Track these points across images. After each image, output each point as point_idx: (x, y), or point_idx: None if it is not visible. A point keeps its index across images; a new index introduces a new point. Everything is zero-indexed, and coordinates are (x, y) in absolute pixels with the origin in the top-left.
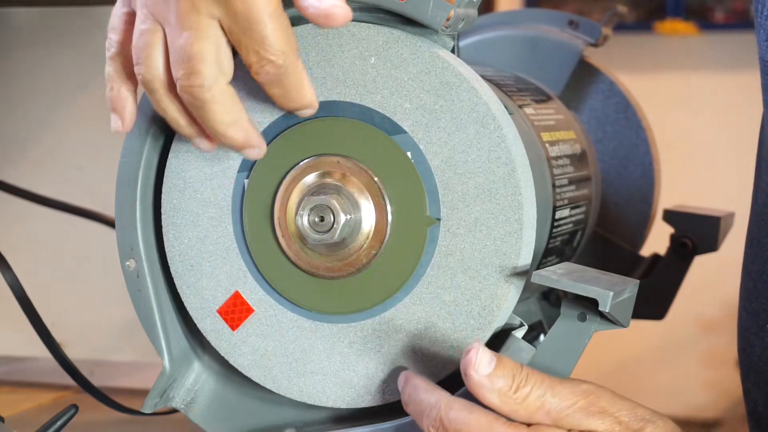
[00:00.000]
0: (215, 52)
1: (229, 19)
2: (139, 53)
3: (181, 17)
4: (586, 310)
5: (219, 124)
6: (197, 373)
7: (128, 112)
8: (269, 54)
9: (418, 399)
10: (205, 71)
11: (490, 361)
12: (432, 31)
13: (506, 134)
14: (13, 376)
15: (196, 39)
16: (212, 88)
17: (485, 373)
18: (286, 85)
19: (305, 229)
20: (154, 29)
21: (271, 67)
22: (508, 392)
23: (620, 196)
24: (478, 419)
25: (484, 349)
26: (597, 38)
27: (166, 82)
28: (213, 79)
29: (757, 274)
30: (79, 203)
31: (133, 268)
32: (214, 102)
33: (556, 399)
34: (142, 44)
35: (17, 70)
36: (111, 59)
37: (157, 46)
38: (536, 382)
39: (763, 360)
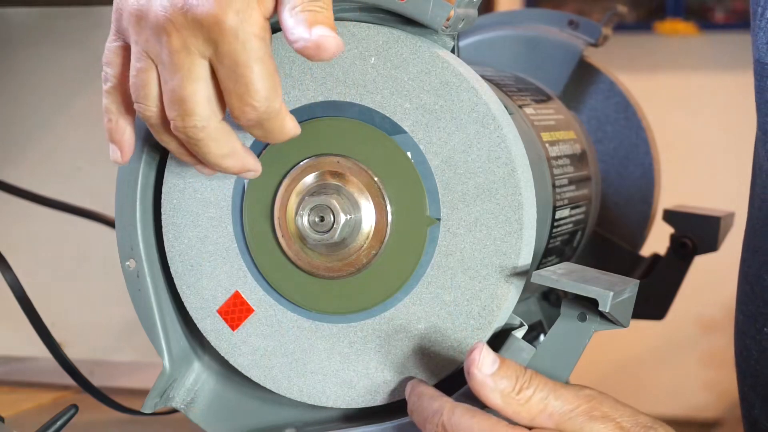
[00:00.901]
0: (207, 92)
1: (217, 61)
2: (137, 91)
3: (173, 57)
4: (586, 310)
5: (214, 157)
6: (197, 373)
7: (127, 143)
8: (252, 100)
9: (422, 407)
10: (198, 112)
11: (494, 362)
12: (432, 31)
13: (506, 134)
14: (13, 376)
15: (188, 81)
16: (206, 127)
17: (488, 373)
18: (267, 128)
19: (305, 229)
20: (149, 67)
21: (253, 113)
22: (510, 393)
23: (620, 196)
24: (481, 423)
25: (488, 349)
26: (597, 38)
27: (162, 119)
28: (206, 119)
29: (754, 277)
30: (79, 203)
31: (133, 268)
32: (208, 139)
33: (559, 402)
34: (140, 83)
35: (17, 70)
36: (108, 93)
37: (153, 84)
38: (539, 385)
39: (761, 363)
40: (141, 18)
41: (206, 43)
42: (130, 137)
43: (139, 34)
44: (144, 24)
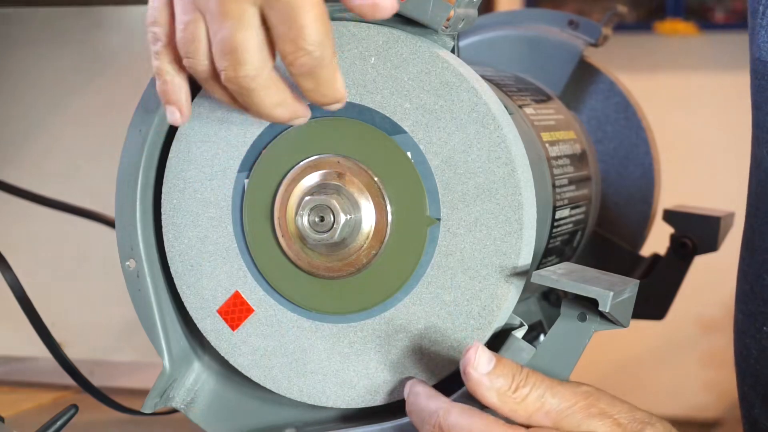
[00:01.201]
0: (258, 40)
1: (269, 6)
2: (187, 46)
3: (222, 6)
4: (586, 310)
5: (267, 107)
6: (197, 373)
7: (185, 101)
8: (306, 44)
9: (420, 406)
10: (250, 60)
11: (489, 360)
12: (432, 31)
13: (506, 134)
14: (13, 376)
15: (238, 29)
16: (258, 77)
17: (484, 372)
18: (320, 77)
19: (305, 229)
20: (197, 19)
21: (307, 58)
22: (507, 392)
23: (620, 196)
24: (477, 423)
25: (484, 348)
26: (597, 38)
27: (214, 72)
28: (258, 68)
29: (753, 277)
30: (79, 203)
31: (133, 268)
32: (260, 89)
33: (555, 399)
34: (189, 36)
35: (17, 69)
36: (159, 53)
37: (203, 36)
38: (536, 383)
39: (760, 363)
40: None
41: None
42: (188, 96)
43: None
44: None
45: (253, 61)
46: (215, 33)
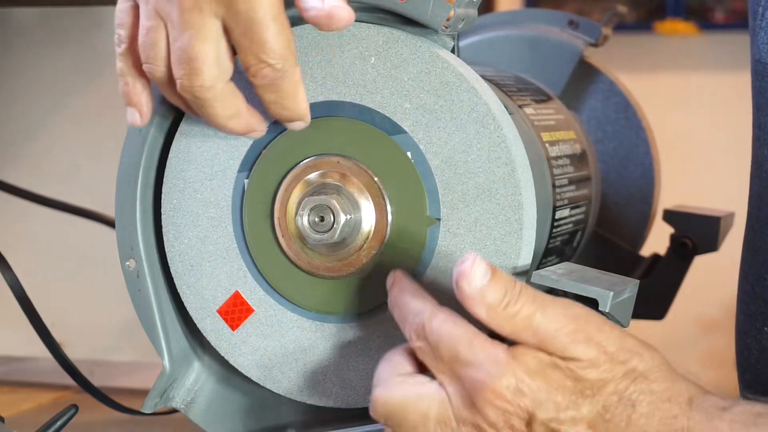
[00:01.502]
0: (216, 52)
1: (231, 20)
2: (147, 51)
3: (184, 15)
4: None
5: (220, 118)
6: (197, 373)
7: (145, 105)
8: (268, 57)
9: (403, 302)
10: (205, 71)
11: (485, 274)
12: (432, 31)
13: (506, 134)
14: (13, 376)
15: (197, 39)
16: (212, 88)
17: (478, 286)
18: (282, 90)
19: (305, 229)
20: (158, 26)
21: (269, 70)
22: (497, 307)
23: (620, 196)
24: (460, 333)
25: (481, 261)
26: (597, 38)
27: (171, 79)
28: (213, 79)
29: (755, 277)
30: (79, 203)
31: (133, 268)
32: (214, 100)
33: (544, 320)
34: (149, 42)
35: (17, 70)
36: (122, 55)
37: (163, 43)
38: (527, 301)
39: (761, 363)
40: None
41: (219, 2)
42: (148, 99)
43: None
44: None
45: (208, 72)
46: (174, 41)
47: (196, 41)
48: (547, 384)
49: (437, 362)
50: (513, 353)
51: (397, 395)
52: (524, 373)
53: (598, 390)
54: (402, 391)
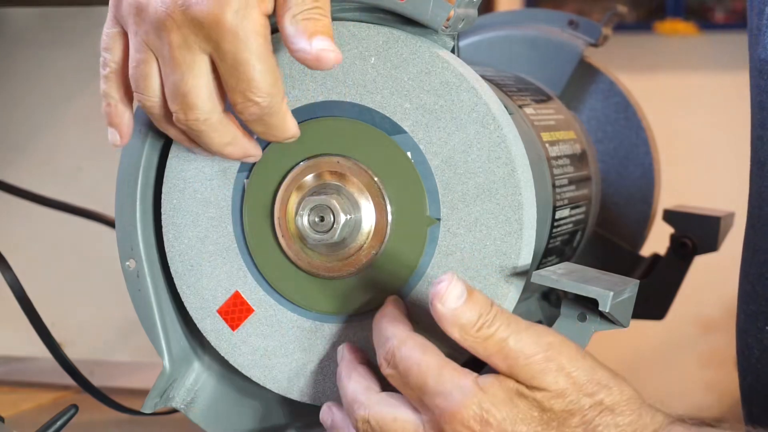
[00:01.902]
0: (208, 87)
1: (219, 59)
2: (137, 82)
3: (173, 52)
4: (586, 310)
5: (217, 146)
6: (197, 373)
7: (125, 126)
8: (255, 96)
9: (379, 327)
10: (200, 106)
11: (460, 296)
12: (432, 31)
13: (506, 134)
14: (13, 376)
15: (189, 76)
16: (207, 120)
17: (453, 308)
18: (269, 124)
19: (305, 229)
20: (149, 59)
21: (256, 108)
22: (470, 329)
23: (620, 196)
24: (428, 361)
25: (457, 282)
26: (597, 38)
27: (164, 110)
28: (208, 112)
29: (755, 276)
30: (79, 203)
31: (133, 268)
32: (210, 130)
33: (517, 346)
34: (141, 74)
35: (17, 70)
36: (107, 78)
37: (155, 75)
38: (502, 325)
39: (762, 362)
40: (141, 10)
41: (206, 41)
42: (129, 121)
43: (138, 25)
44: (144, 16)
45: (203, 107)
46: (167, 76)
47: (188, 77)
48: (514, 414)
49: (407, 390)
50: (481, 383)
51: (377, 413)
52: (491, 403)
53: (563, 421)
54: (383, 410)
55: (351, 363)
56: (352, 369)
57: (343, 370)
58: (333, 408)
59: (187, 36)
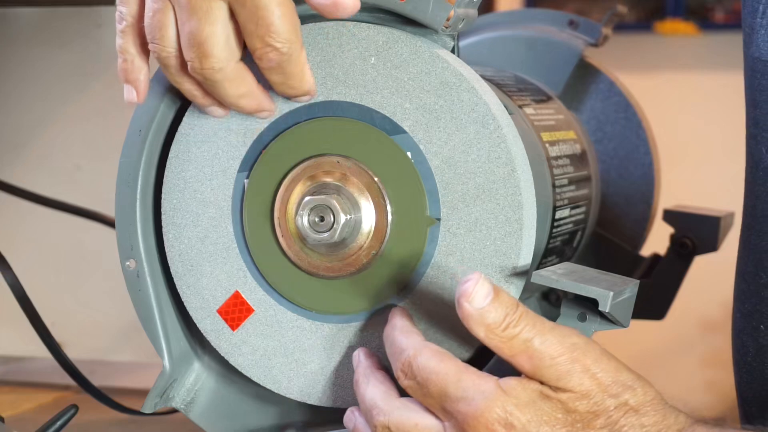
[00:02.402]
0: (225, 34)
1: (237, 4)
2: (153, 32)
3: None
4: (586, 310)
5: (231, 97)
6: (197, 373)
7: (142, 82)
8: (274, 41)
9: (392, 339)
10: (216, 54)
11: (487, 295)
12: (432, 31)
13: (506, 134)
14: (13, 376)
15: (206, 23)
16: (224, 69)
17: (479, 307)
18: (288, 72)
19: (305, 229)
20: (165, 8)
21: (275, 54)
22: (496, 329)
23: (620, 196)
24: (447, 369)
25: (485, 281)
26: (597, 38)
27: (180, 61)
28: (224, 60)
29: (751, 275)
30: (79, 203)
31: (133, 268)
32: (226, 80)
33: (542, 347)
34: (156, 24)
35: (17, 70)
36: (123, 32)
37: (170, 25)
38: (527, 325)
39: (757, 361)
40: None
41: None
42: (146, 77)
43: None
44: None
45: (219, 55)
46: (183, 24)
47: (205, 25)
48: (538, 416)
49: (428, 399)
50: (503, 386)
51: (398, 420)
52: (514, 406)
53: (588, 423)
54: (403, 416)
55: (369, 368)
56: (370, 374)
57: (360, 376)
58: (356, 412)
59: None
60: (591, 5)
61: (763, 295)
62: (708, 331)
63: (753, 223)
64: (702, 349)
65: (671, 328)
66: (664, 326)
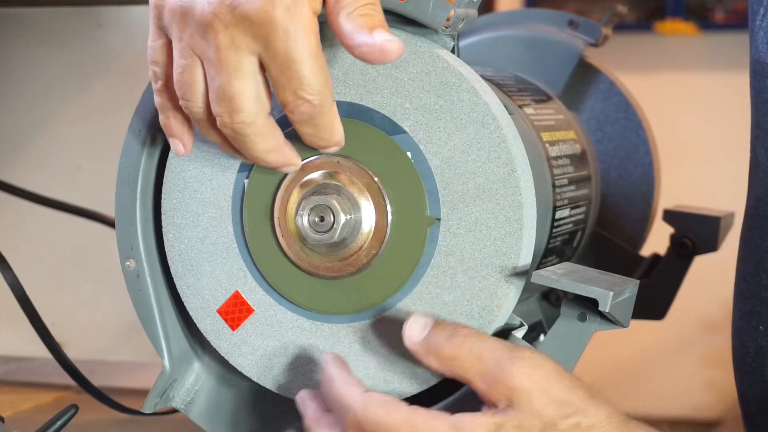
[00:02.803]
0: (255, 89)
1: (269, 57)
2: (183, 89)
3: (221, 54)
4: (586, 310)
5: (259, 152)
6: (197, 373)
7: (186, 135)
8: (306, 94)
9: (333, 394)
10: (245, 109)
11: (425, 326)
12: (432, 31)
13: (506, 134)
14: (13, 376)
15: (236, 78)
16: (253, 124)
17: (420, 339)
18: (319, 124)
19: (305, 229)
20: (194, 64)
21: (307, 107)
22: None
23: (620, 196)
24: (396, 417)
25: (416, 317)
26: (597, 38)
27: (208, 115)
28: (254, 115)
29: (751, 276)
30: (79, 203)
31: (133, 268)
32: (255, 135)
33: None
34: (186, 80)
35: (17, 70)
36: (159, 91)
37: (200, 81)
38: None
39: (757, 361)
40: (185, 14)
41: (255, 40)
42: (189, 129)
43: (183, 30)
44: (188, 20)
45: (249, 109)
46: (212, 79)
47: (235, 79)
48: None
49: None
50: (456, 423)
51: None
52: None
53: None
54: None
55: (317, 412)
56: (321, 417)
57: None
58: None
59: (234, 36)
60: (591, 5)
61: (763, 296)
62: (708, 331)
63: (754, 224)
64: (702, 349)
65: (671, 328)
66: (664, 326)
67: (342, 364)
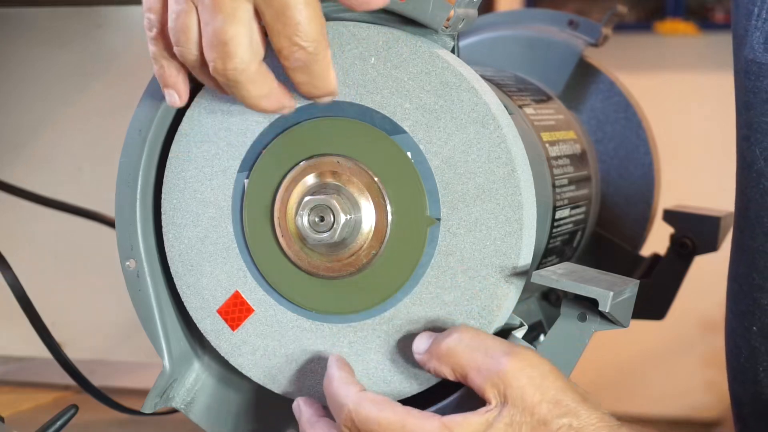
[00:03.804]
0: (249, 35)
1: (264, 3)
2: (177, 35)
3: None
4: (586, 310)
5: (253, 98)
6: (197, 373)
7: (182, 85)
8: (301, 41)
9: (331, 392)
10: (239, 54)
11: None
12: (432, 31)
13: (506, 134)
14: (13, 376)
15: (230, 23)
16: (246, 70)
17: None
18: (313, 71)
19: (305, 229)
20: (189, 9)
21: (302, 53)
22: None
23: (620, 196)
24: (388, 416)
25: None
26: (597, 38)
27: (202, 61)
28: (247, 62)
29: (743, 276)
30: (79, 203)
31: (133, 268)
32: (248, 81)
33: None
34: (180, 26)
35: (18, 70)
36: (154, 39)
37: (194, 27)
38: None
39: (750, 362)
40: None
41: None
42: (185, 79)
43: None
44: None
45: (242, 55)
46: (206, 24)
47: (229, 25)
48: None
49: None
50: (448, 423)
51: None
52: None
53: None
54: None
55: (312, 417)
56: (315, 422)
57: (305, 426)
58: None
59: None
60: (591, 5)
61: (756, 297)
62: (708, 331)
63: (745, 225)
64: (702, 349)
65: (671, 328)
66: (664, 326)
67: (344, 365)
